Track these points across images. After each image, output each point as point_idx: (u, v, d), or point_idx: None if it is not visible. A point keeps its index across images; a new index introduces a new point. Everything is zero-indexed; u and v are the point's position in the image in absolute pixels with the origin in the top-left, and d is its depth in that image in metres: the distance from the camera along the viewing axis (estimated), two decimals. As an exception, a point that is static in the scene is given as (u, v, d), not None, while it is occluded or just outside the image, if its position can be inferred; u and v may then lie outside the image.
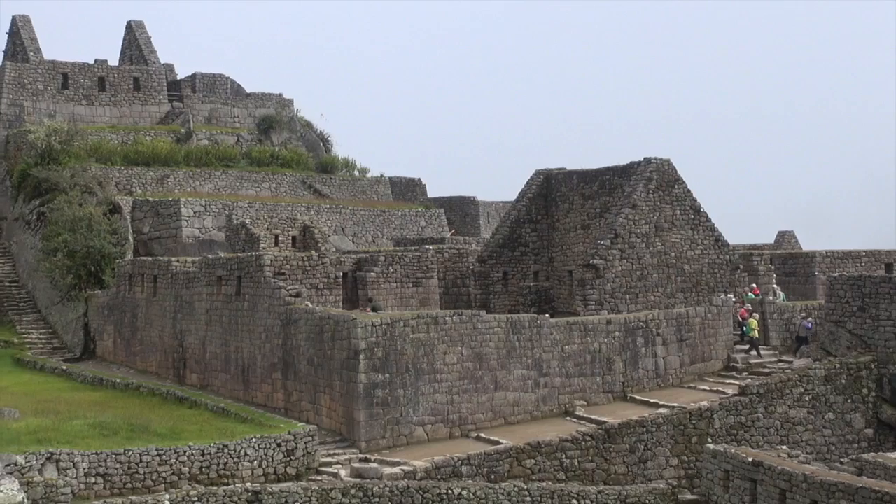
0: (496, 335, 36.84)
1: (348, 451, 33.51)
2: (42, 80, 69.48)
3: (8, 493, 5.10)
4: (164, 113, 73.35)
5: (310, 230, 57.20)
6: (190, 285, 44.35)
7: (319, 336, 35.80)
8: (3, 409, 34.98)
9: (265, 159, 71.54)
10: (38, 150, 61.95)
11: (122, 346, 50.18)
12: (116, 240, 55.02)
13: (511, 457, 33.32)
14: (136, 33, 77.22)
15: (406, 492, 30.32)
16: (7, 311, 57.61)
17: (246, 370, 40.23)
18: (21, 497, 5.25)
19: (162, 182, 64.97)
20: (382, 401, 33.97)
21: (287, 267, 43.10)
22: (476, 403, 36.08)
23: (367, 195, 73.69)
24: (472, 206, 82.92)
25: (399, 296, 46.04)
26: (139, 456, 29.78)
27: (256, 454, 31.41)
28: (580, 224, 50.79)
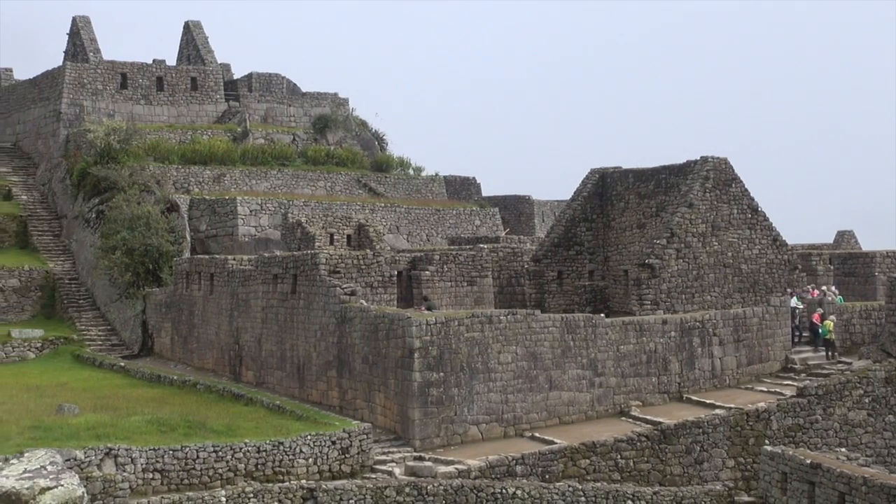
0: (551, 334, 36.70)
1: (402, 450, 33.54)
2: (101, 80, 70.31)
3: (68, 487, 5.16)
4: (220, 112, 73.94)
5: (364, 229, 57.38)
6: (246, 283, 44.65)
7: (374, 334, 35.88)
8: (63, 405, 35.43)
9: (320, 158, 71.86)
10: (97, 150, 62.67)
11: (180, 343, 50.64)
12: (174, 238, 55.52)
13: (566, 457, 33.18)
14: (194, 33, 77.95)
15: (460, 491, 30.29)
16: (67, 308, 58.38)
17: (301, 368, 40.43)
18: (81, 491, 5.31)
19: (218, 181, 65.48)
20: (437, 399, 33.97)
21: (342, 265, 43.25)
22: (531, 403, 35.98)
23: (422, 194, 73.78)
24: (527, 205, 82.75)
25: (453, 295, 46.03)
26: (196, 452, 29.99)
27: (311, 451, 31.53)
28: (636, 223, 50.47)
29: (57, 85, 69.98)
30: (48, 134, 70.22)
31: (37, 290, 59.54)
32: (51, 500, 4.80)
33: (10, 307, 58.56)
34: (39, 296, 59.51)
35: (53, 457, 5.74)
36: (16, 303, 58.84)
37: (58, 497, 4.89)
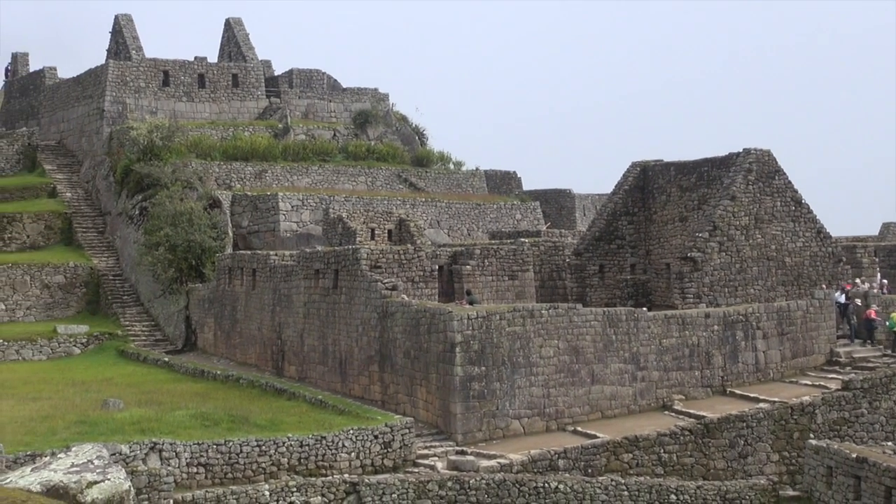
0: (593, 328, 36.59)
1: (445, 444, 33.57)
2: (144, 78, 70.80)
3: (115, 481, 5.22)
4: (261, 109, 74.24)
5: (405, 223, 57.45)
6: (288, 278, 44.85)
7: (416, 329, 35.93)
8: (108, 400, 35.76)
9: (361, 153, 71.97)
10: (140, 147, 63.13)
11: (223, 338, 50.95)
12: (216, 234, 55.83)
13: (608, 451, 33.09)
14: (235, 30, 78.31)
15: (502, 485, 30.27)
16: (111, 304, 58.90)
17: (343, 362, 40.56)
18: (127, 485, 5.37)
19: (260, 177, 65.79)
20: (479, 394, 33.96)
21: (383, 260, 43.35)
22: (573, 397, 35.89)
23: (463, 188, 73.74)
24: (568, 199, 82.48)
25: (495, 289, 46.00)
26: (239, 447, 30.18)
27: (354, 446, 31.63)
28: (678, 216, 50.19)
29: (100, 83, 70.56)
30: (92, 132, 70.84)
31: (82, 287, 60.12)
32: (98, 493, 4.85)
33: (55, 303, 59.18)
34: (84, 292, 60.09)
35: (100, 451, 5.80)
36: (61, 299, 59.46)
37: (105, 491, 4.94)
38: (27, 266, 59.25)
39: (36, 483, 4.86)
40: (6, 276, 58.41)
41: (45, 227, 64.87)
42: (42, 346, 52.61)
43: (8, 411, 34.27)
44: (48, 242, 64.43)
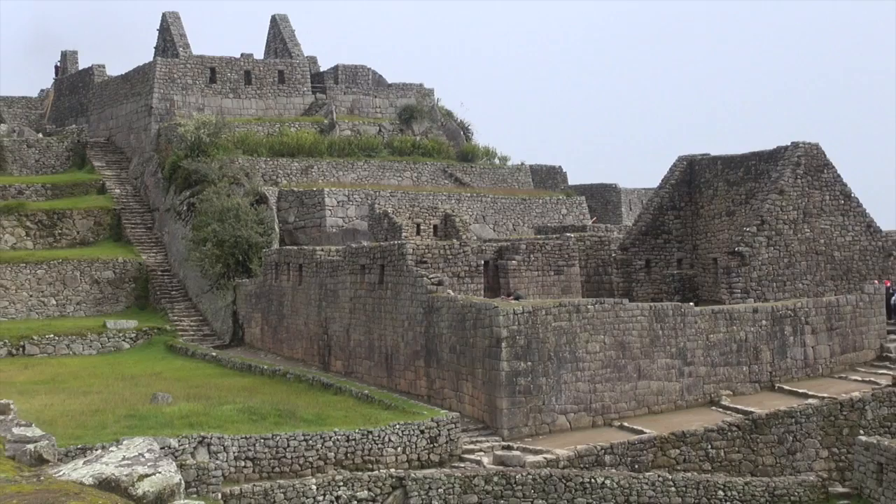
0: (639, 323, 36.42)
1: (491, 439, 33.56)
2: (191, 75, 71.34)
3: (166, 474, 5.31)
4: (307, 104, 74.58)
5: (451, 219, 57.48)
6: (334, 274, 45.02)
7: (461, 324, 35.94)
8: (157, 394, 36.10)
9: (406, 149, 72.13)
10: (187, 143, 63.66)
11: (269, 333, 51.25)
12: (263, 229, 56.16)
13: (655, 446, 32.93)
14: (281, 27, 78.74)
15: (549, 480, 30.22)
16: (160, 299, 59.46)
17: (389, 357, 40.67)
18: (178, 478, 5.46)
19: (306, 172, 66.09)
20: (525, 389, 33.92)
21: (429, 255, 43.41)
22: (619, 392, 35.75)
23: (508, 183, 73.65)
24: (614, 194, 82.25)
25: (540, 284, 45.91)
26: (287, 441, 30.34)
27: (400, 440, 31.70)
28: (725, 210, 49.84)
29: (148, 80, 71.19)
30: (140, 128, 71.50)
31: (131, 282, 60.75)
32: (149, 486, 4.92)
33: (105, 298, 59.84)
34: (133, 287, 60.71)
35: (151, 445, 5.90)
36: (111, 294, 60.10)
37: (156, 484, 5.02)
38: (77, 261, 59.96)
39: (88, 476, 4.94)
40: (57, 272, 59.15)
41: (95, 223, 65.60)
42: (92, 341, 53.22)
43: (59, 405, 34.70)
44: (98, 238, 65.14)
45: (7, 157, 71.04)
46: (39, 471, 5.89)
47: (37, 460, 6.46)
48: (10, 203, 64.68)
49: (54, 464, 6.34)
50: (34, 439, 6.81)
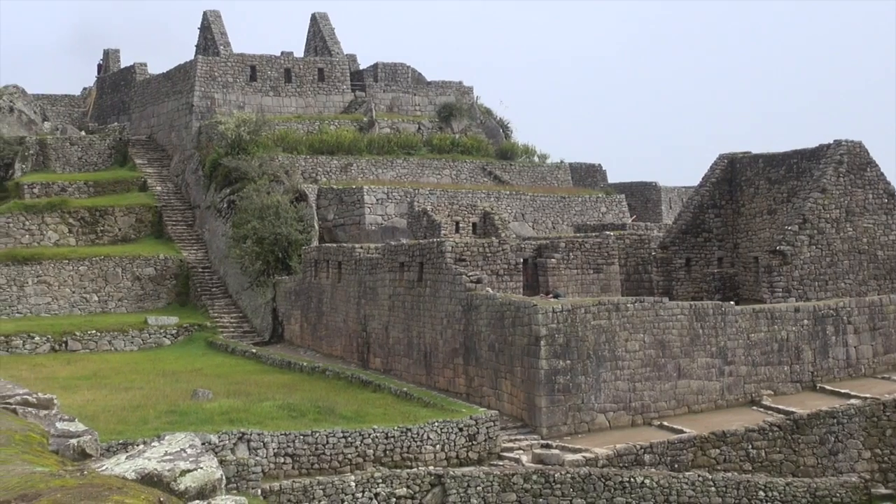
0: (679, 322, 36.22)
1: (529, 437, 33.50)
2: (231, 73, 71.71)
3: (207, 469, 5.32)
4: (347, 102, 74.75)
5: (490, 216, 57.41)
6: (373, 271, 45.11)
7: (500, 322, 35.89)
8: (197, 391, 36.32)
9: (445, 147, 72.13)
10: (228, 141, 63.98)
11: (309, 330, 51.43)
12: (302, 227, 56.35)
13: (695, 446, 32.74)
14: (321, 25, 78.95)
15: (588, 479, 30.13)
16: (200, 296, 59.82)
17: (428, 355, 40.69)
18: (220, 474, 5.48)
19: (345, 170, 66.25)
20: (564, 387, 33.83)
21: (468, 253, 43.36)
22: (659, 391, 35.57)
23: (547, 181, 73.49)
24: (654, 192, 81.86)
25: (579, 282, 45.75)
26: (326, 438, 30.42)
27: (439, 438, 31.71)
28: (766, 209, 49.47)
29: (189, 78, 71.64)
30: (181, 126, 71.96)
31: (171, 279, 61.18)
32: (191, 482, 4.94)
33: (146, 295, 60.30)
34: (174, 284, 61.13)
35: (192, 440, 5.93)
36: (152, 291, 60.56)
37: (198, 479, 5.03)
38: (119, 258, 60.47)
39: (131, 471, 4.96)
40: (99, 268, 59.69)
41: (136, 220, 66.12)
42: (133, 337, 53.66)
43: (101, 400, 34.99)
44: (139, 235, 65.64)
45: (50, 155, 71.74)
46: (82, 465, 5.93)
47: (80, 455, 6.51)
48: (53, 200, 65.34)
49: (97, 458, 6.38)
50: (77, 434, 6.85)
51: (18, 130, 74.58)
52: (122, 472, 5.57)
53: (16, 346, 51.08)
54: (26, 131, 75.07)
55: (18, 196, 66.28)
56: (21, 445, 6.43)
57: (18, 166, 70.06)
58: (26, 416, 7.80)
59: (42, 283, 58.67)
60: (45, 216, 63.85)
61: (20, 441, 6.53)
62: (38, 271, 58.76)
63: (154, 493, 5.16)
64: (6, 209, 63.87)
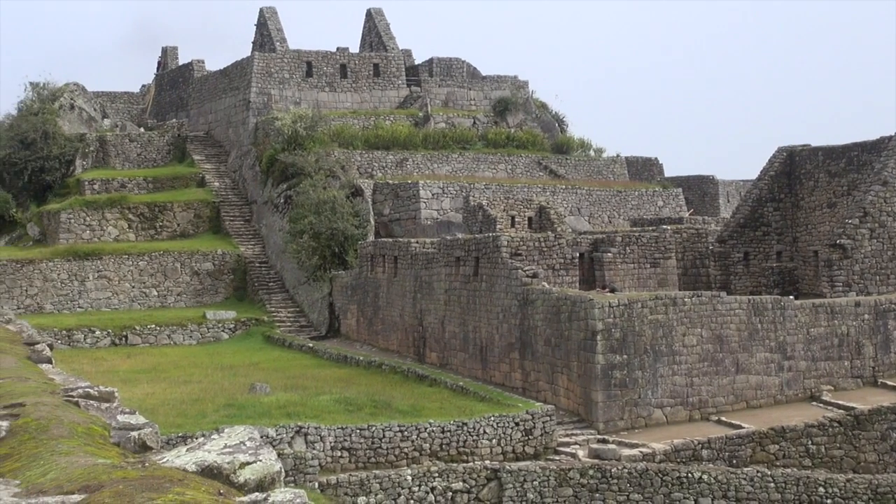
0: (737, 317, 35.90)
1: (586, 432, 33.39)
2: (288, 69, 72.12)
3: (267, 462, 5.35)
4: (402, 97, 74.87)
5: (546, 211, 57.24)
6: (429, 266, 45.17)
7: (556, 316, 35.79)
8: (255, 384, 36.60)
9: (501, 141, 72.00)
10: (284, 137, 64.36)
11: (365, 324, 51.62)
12: (358, 222, 56.56)
13: (754, 441, 32.44)
14: (376, 20, 79.14)
15: (645, 474, 29.95)
16: (258, 291, 60.27)
17: (484, 349, 40.68)
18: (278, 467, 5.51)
19: (401, 165, 66.39)
20: (620, 382, 33.67)
21: (523, 248, 43.27)
22: (716, 386, 35.29)
23: (603, 175, 73.13)
24: (711, 185, 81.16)
25: (636, 276, 45.48)
26: (382, 431, 30.51)
27: (495, 432, 31.69)
28: (826, 202, 48.85)
29: (246, 75, 72.16)
30: (238, 122, 72.51)
31: (229, 274, 61.71)
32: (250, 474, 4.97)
33: (204, 290, 60.88)
34: (232, 279, 61.65)
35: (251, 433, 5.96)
36: (210, 286, 61.13)
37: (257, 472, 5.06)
38: (178, 253, 61.10)
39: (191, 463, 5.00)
40: (158, 264, 60.36)
41: (195, 216, 66.75)
42: (192, 332, 54.23)
43: (161, 394, 35.39)
44: (197, 230, 66.27)
45: (110, 152, 72.64)
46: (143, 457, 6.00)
47: (140, 447, 6.58)
48: (113, 196, 66.18)
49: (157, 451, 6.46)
50: (138, 427, 6.94)
51: (79, 127, 75.58)
52: (183, 465, 5.63)
53: (77, 339, 51.83)
54: (87, 128, 76.06)
55: (79, 192, 67.22)
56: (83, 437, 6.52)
57: (79, 163, 71.03)
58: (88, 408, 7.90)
59: (103, 278, 59.44)
60: (105, 212, 64.68)
61: (82, 433, 6.62)
62: (99, 266, 59.53)
63: (214, 486, 5.20)
64: (67, 205, 64.79)
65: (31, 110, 72.37)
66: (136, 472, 5.30)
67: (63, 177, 69.89)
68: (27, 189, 68.92)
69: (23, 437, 6.45)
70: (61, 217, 63.70)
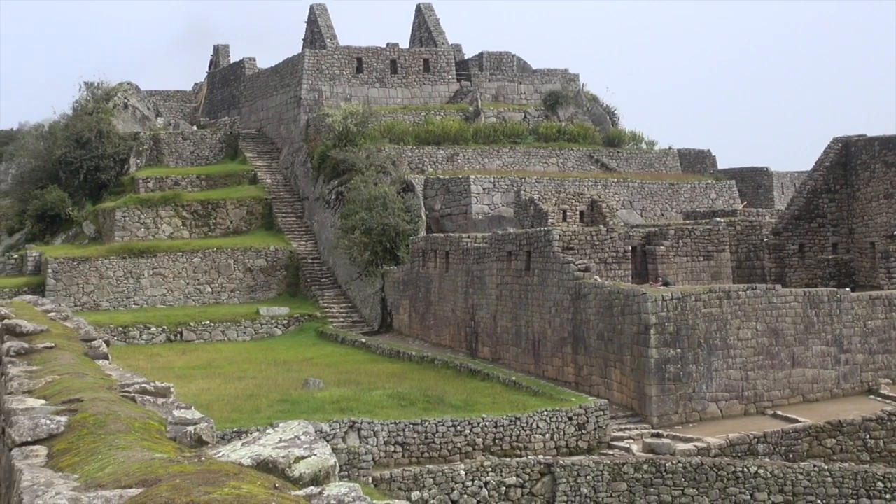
0: (793, 310, 35.54)
1: (640, 426, 33.24)
2: (338, 66, 72.37)
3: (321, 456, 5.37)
4: (452, 92, 74.86)
5: (597, 204, 57.02)
6: (480, 261, 45.15)
7: (609, 310, 35.63)
8: (308, 380, 36.80)
9: (552, 135, 71.76)
10: (335, 133, 64.60)
11: (417, 319, 51.70)
12: (410, 217, 56.64)
13: (810, 435, 32.11)
14: (426, 16, 79.19)
15: (700, 469, 29.74)
16: (310, 287, 60.57)
17: (536, 344, 40.60)
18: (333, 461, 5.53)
19: (452, 160, 66.37)
20: (674, 376, 33.46)
21: (575, 242, 43.13)
22: (772, 380, 34.96)
23: (655, 168, 72.65)
24: (765, 177, 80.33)
25: (689, 270, 45.15)
26: (435, 426, 30.56)
27: (548, 427, 31.63)
28: (883, 193, 48.17)
29: (297, 72, 72.50)
30: (289, 119, 72.89)
31: (282, 270, 62.06)
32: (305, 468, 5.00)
33: (258, 286, 61.29)
34: (284, 275, 62.00)
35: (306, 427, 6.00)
36: (263, 282, 61.53)
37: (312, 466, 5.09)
38: (231, 250, 61.56)
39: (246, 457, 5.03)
40: (212, 260, 60.86)
41: (247, 213, 67.21)
42: (246, 328, 54.63)
43: (215, 389, 35.69)
44: (250, 227, 66.73)
45: (164, 150, 73.35)
46: (199, 452, 6.05)
47: (196, 442, 6.63)
48: (167, 194, 66.82)
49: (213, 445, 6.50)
50: (194, 421, 6.99)
51: (133, 126, 76.40)
52: (238, 459, 5.66)
53: (133, 336, 52.40)
54: (140, 127, 76.88)
55: (134, 190, 67.95)
56: (140, 432, 6.57)
57: (133, 161, 71.79)
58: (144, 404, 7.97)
59: (157, 275, 60.04)
60: (159, 210, 65.33)
61: (139, 428, 6.68)
62: (154, 264, 60.15)
63: (269, 479, 5.23)
64: (122, 203, 65.52)
65: (85, 110, 73.25)
66: (193, 467, 5.33)
67: (118, 175, 70.69)
68: (83, 188, 69.78)
69: (81, 433, 6.51)
70: (116, 215, 64.41)
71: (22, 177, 73.22)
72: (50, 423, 6.72)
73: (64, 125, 72.73)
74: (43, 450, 6.40)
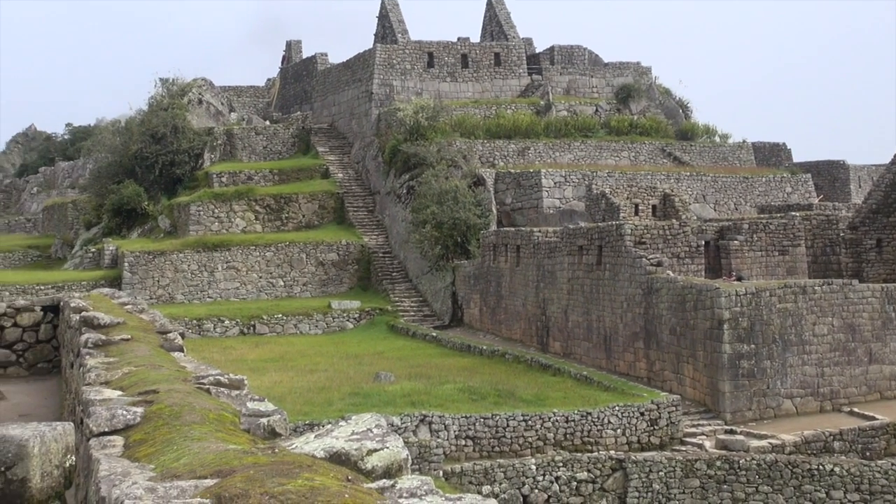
0: (870, 305, 34.93)
1: (713, 423, 32.91)
2: (409, 60, 72.54)
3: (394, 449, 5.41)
4: (523, 86, 74.67)
5: (670, 198, 56.49)
6: (551, 255, 45.00)
7: (682, 305, 35.31)
8: (380, 373, 36.95)
9: (623, 128, 71.27)
10: (406, 127, 64.78)
11: (488, 314, 51.67)
12: (481, 211, 56.62)
13: (888, 433, 31.56)
14: (496, 9, 79.05)
15: (774, 466, 29.37)
16: (381, 281, 60.81)
17: (607, 339, 40.37)
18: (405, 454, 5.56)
19: (522, 154, 66.22)
20: (748, 372, 33.07)
21: (647, 236, 42.78)
22: (848, 377, 34.40)
23: (729, 161, 71.83)
24: (842, 171, 79.04)
25: (764, 265, 44.56)
26: (506, 421, 30.53)
27: (619, 422, 31.45)
28: (964, 186, 47.13)
29: (368, 66, 72.80)
30: (361, 114, 73.23)
31: (353, 264, 62.39)
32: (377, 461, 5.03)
33: (329, 280, 61.69)
34: (356, 269, 62.32)
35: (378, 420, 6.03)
36: (335, 276, 61.91)
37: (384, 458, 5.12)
38: (303, 244, 62.02)
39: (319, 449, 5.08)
40: (284, 254, 61.37)
41: (319, 207, 67.66)
42: (318, 321, 55.00)
43: (288, 382, 35.97)
44: (322, 221, 67.17)
45: (237, 145, 74.12)
46: (273, 444, 6.09)
47: (269, 434, 6.68)
48: (240, 188, 67.52)
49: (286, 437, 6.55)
50: (267, 413, 7.04)
51: (207, 121, 77.29)
52: (311, 451, 5.69)
53: (207, 329, 53.03)
54: (214, 122, 77.75)
55: (208, 185, 68.76)
56: (214, 424, 6.63)
57: (207, 156, 72.65)
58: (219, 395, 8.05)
59: (231, 268, 60.69)
60: (232, 204, 66.02)
61: (214, 420, 6.74)
62: (227, 257, 60.80)
63: (342, 472, 5.24)
64: (197, 198, 66.32)
65: (161, 105, 74.26)
66: (267, 458, 5.37)
67: (192, 170, 71.57)
68: (158, 182, 70.77)
69: (157, 423, 6.59)
70: (191, 209, 65.23)
71: (99, 172, 74.43)
72: (126, 414, 6.82)
73: (140, 121, 73.80)
74: (120, 440, 6.49)
